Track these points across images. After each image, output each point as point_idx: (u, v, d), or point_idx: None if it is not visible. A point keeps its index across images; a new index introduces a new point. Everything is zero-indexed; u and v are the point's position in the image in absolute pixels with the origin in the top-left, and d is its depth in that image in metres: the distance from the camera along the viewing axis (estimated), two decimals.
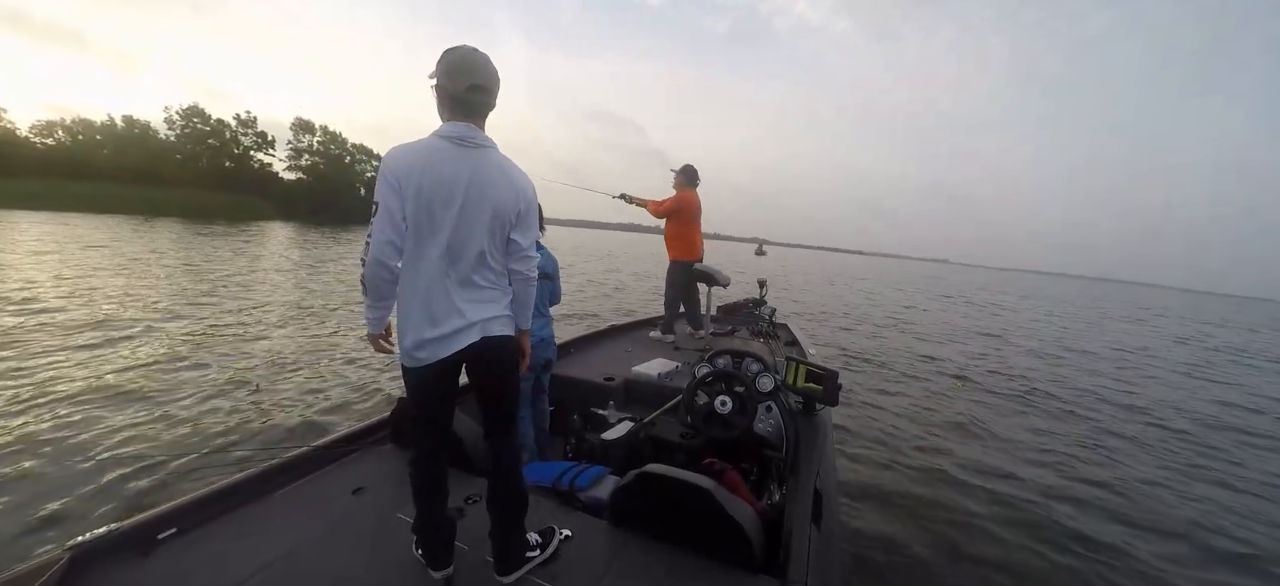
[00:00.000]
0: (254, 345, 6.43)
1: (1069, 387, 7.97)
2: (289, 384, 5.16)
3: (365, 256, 1.51)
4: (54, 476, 3.21)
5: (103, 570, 1.54)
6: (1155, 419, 6.60)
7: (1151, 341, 15.59)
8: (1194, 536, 3.62)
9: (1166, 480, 4.57)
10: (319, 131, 53.83)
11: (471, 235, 1.54)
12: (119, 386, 4.72)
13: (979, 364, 9.08)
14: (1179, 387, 8.85)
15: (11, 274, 9.75)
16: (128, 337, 6.29)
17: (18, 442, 3.57)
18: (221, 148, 48.59)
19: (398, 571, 1.68)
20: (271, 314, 8.33)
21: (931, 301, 22.02)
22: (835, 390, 2.72)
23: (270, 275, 12.63)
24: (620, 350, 4.40)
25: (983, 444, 5.04)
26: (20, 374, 4.80)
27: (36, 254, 12.62)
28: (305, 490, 2.05)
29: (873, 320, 13.99)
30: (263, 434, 3.98)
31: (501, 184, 1.58)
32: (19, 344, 5.65)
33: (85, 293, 8.64)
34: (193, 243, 18.54)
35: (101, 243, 15.58)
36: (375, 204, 1.49)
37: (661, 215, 5.17)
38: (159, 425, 4.01)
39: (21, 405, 4.14)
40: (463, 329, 1.55)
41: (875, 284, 31.55)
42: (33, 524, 2.79)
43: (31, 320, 6.69)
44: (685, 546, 1.80)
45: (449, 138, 1.53)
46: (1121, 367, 10.29)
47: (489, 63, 1.56)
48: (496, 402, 1.71)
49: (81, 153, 40.41)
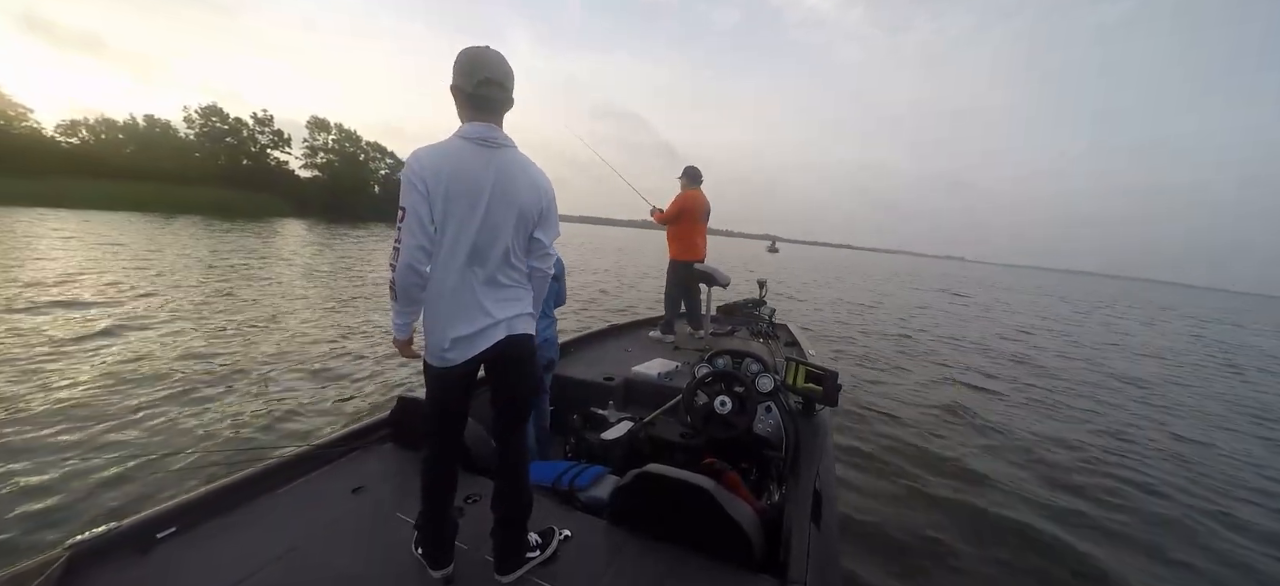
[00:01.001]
0: (265, 339, 6.42)
1: (1083, 385, 7.80)
2: (294, 382, 5.11)
3: (394, 262, 1.48)
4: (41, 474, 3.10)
5: (102, 569, 1.51)
6: (1172, 418, 6.49)
7: (1176, 341, 15.31)
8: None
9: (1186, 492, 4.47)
10: (334, 130, 53.75)
11: (497, 235, 1.53)
12: (123, 379, 4.69)
13: (982, 362, 8.97)
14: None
15: (38, 270, 9.77)
16: (130, 330, 6.27)
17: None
18: (239, 146, 48.66)
19: (397, 571, 1.65)
20: (281, 308, 8.32)
21: (947, 299, 21.60)
22: (835, 390, 2.68)
23: (281, 269, 12.66)
24: (620, 350, 4.35)
25: (984, 444, 4.94)
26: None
27: (53, 254, 12.62)
28: (305, 489, 2.01)
29: (893, 320, 13.62)
30: (263, 433, 3.89)
31: (524, 183, 1.56)
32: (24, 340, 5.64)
33: (111, 287, 8.65)
34: (209, 238, 18.59)
35: (123, 241, 15.55)
36: (401, 209, 1.46)
37: (666, 222, 5.11)
38: (159, 424, 3.92)
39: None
40: (489, 327, 1.54)
41: (894, 282, 30.02)
42: (28, 519, 2.73)
43: (43, 318, 6.69)
44: (685, 546, 1.77)
45: (471, 138, 1.51)
46: (1140, 369, 10.00)
47: (501, 59, 1.53)
48: (513, 401, 1.68)
49: (104, 151, 40.60)
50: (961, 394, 6.70)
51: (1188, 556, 3.32)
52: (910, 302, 18.87)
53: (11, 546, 2.53)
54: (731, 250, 60.24)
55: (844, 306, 15.74)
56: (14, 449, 3.39)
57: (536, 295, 1.72)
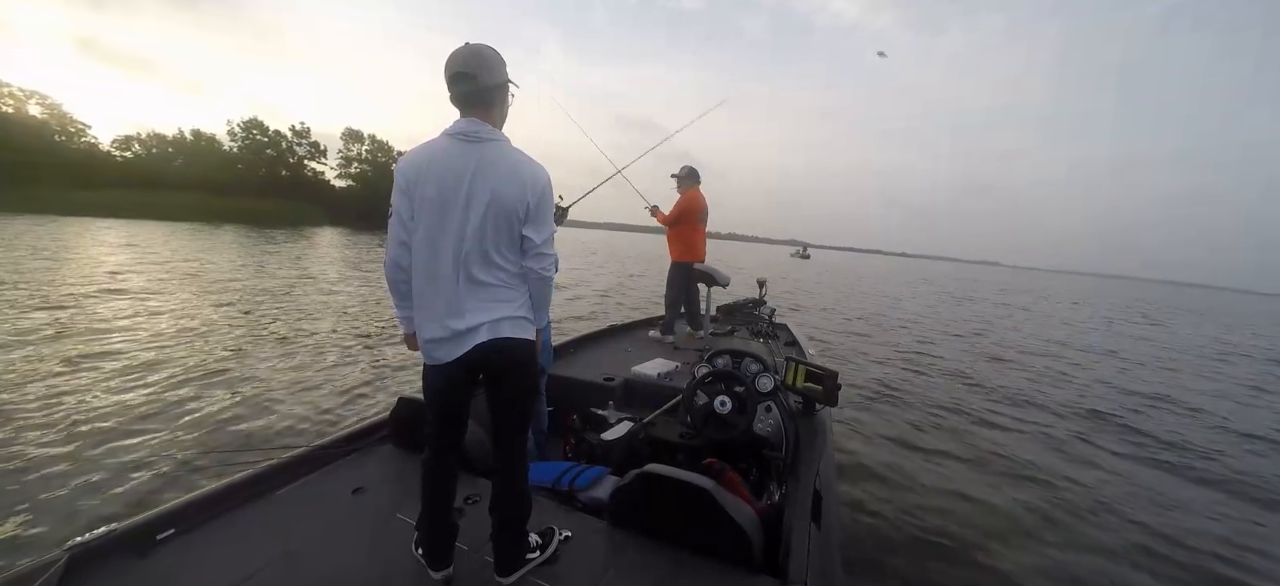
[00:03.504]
0: (289, 343, 6.38)
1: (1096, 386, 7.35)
2: (300, 382, 4.91)
3: (385, 259, 1.48)
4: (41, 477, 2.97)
5: (101, 570, 1.43)
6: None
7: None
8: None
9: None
10: (367, 140, 53.83)
11: (478, 232, 1.40)
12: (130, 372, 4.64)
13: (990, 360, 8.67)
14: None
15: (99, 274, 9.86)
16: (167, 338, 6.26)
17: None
18: (278, 157, 48.99)
19: (397, 571, 1.55)
20: (313, 312, 8.32)
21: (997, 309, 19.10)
22: (835, 390, 2.55)
23: (317, 276, 12.70)
24: (620, 350, 4.20)
25: (987, 444, 4.70)
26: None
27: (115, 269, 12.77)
28: (304, 490, 1.92)
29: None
30: (262, 433, 3.73)
31: (508, 177, 1.42)
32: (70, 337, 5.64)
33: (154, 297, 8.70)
34: (253, 246, 18.75)
35: (179, 252, 15.55)
36: (391, 208, 1.44)
37: (669, 223, 4.96)
38: (160, 423, 3.78)
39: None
40: (472, 328, 1.42)
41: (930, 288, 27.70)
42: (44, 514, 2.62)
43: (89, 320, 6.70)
44: (685, 546, 1.67)
45: (454, 134, 1.42)
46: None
47: (473, 50, 1.42)
48: (507, 405, 1.55)
49: (155, 164, 41.23)
50: (962, 394, 6.43)
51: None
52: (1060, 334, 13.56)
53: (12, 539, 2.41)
54: (754, 257, 57.27)
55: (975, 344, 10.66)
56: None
57: (535, 297, 1.58)
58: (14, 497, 2.72)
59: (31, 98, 37.81)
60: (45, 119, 38.02)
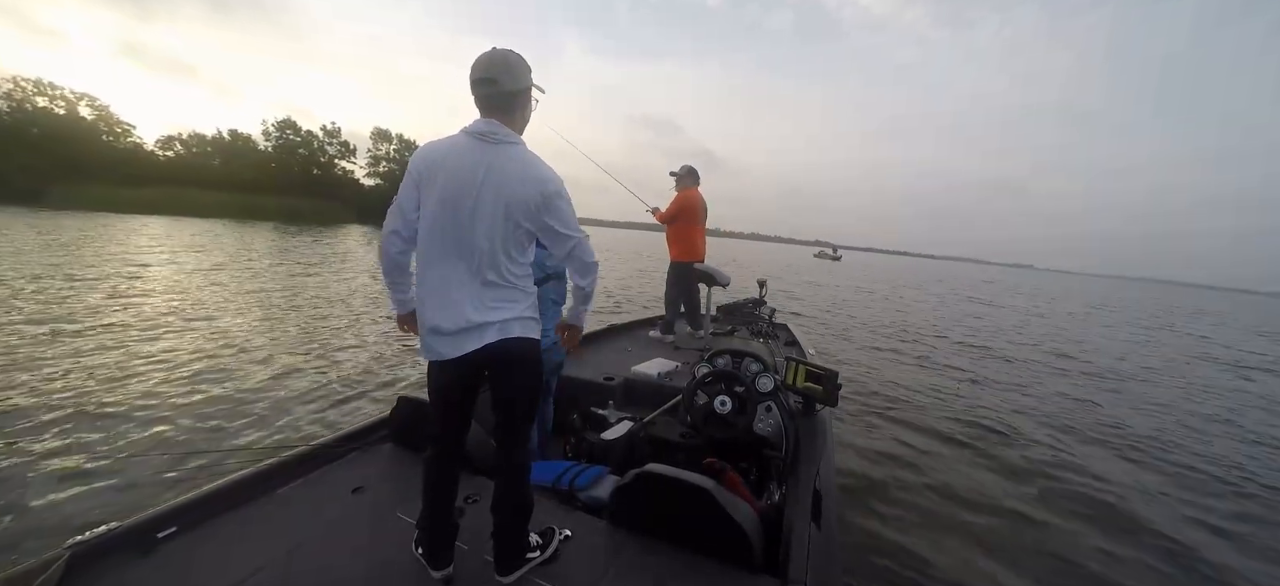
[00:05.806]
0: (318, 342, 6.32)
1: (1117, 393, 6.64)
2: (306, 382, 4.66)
3: (380, 245, 1.45)
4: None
5: (102, 569, 1.36)
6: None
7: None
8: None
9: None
10: (395, 140, 53.26)
11: (488, 232, 1.34)
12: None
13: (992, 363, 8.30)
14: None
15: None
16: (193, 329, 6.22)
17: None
18: (310, 157, 48.78)
19: (397, 571, 1.48)
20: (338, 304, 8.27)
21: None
22: (835, 390, 2.43)
23: (334, 273, 12.66)
24: (620, 350, 4.06)
25: (990, 443, 4.48)
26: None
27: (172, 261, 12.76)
28: (305, 490, 1.84)
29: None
30: (262, 433, 3.56)
31: (520, 178, 1.35)
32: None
33: (187, 290, 8.70)
34: (286, 243, 18.75)
35: (221, 251, 15.30)
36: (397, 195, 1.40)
37: (666, 221, 4.78)
38: (161, 423, 3.59)
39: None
40: (480, 327, 1.35)
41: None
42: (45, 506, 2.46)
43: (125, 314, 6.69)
44: (685, 546, 1.59)
45: (471, 132, 1.36)
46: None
47: (499, 55, 1.35)
48: (511, 406, 1.48)
49: (196, 163, 41.41)
50: (962, 394, 6.09)
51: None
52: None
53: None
54: (780, 257, 54.62)
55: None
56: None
57: (580, 291, 1.57)
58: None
59: (82, 100, 38.11)
60: (94, 120, 38.33)
